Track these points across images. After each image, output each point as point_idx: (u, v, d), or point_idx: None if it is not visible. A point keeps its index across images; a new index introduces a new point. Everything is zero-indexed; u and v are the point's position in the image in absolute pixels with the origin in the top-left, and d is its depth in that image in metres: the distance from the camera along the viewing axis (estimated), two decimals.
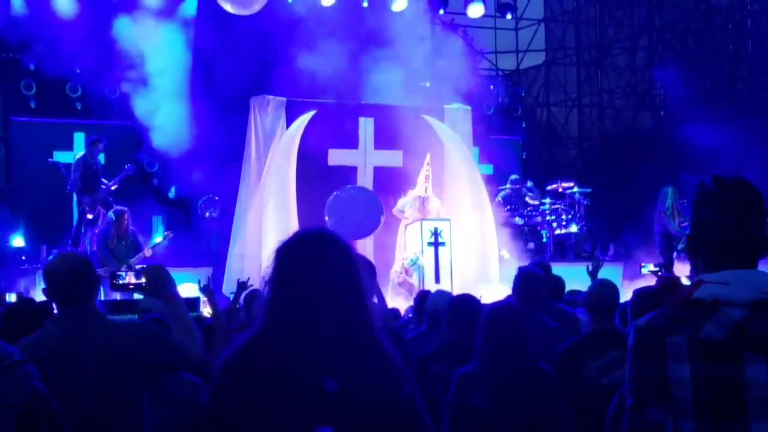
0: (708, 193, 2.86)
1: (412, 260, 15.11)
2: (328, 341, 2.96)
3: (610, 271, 14.67)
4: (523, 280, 6.74)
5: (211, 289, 6.57)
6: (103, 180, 15.78)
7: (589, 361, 5.58)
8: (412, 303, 9.86)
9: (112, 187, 15.75)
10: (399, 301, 13.56)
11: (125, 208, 14.72)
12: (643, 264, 12.78)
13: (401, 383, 3.06)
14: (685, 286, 6.71)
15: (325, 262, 3.03)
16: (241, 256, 15.62)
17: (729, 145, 17.92)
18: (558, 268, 9.43)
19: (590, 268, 8.74)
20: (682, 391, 2.70)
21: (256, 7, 15.76)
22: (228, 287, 14.22)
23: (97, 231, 15.15)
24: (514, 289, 6.80)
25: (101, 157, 16.03)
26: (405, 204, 15.90)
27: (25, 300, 7.90)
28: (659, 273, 11.79)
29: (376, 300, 6.56)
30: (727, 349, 2.67)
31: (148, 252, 14.48)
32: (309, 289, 2.99)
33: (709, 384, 2.67)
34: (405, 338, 6.85)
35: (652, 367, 2.73)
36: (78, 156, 16.06)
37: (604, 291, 5.90)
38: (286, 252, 3.09)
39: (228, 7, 15.61)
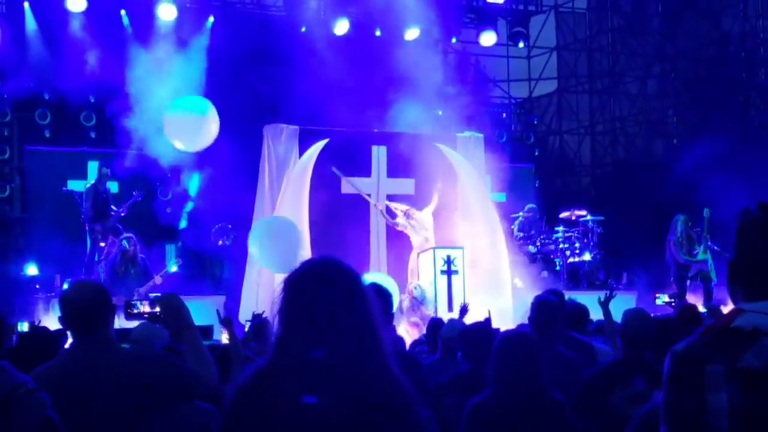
0: (752, 220, 2.81)
1: (418, 291, 15.07)
2: (338, 371, 2.95)
3: (623, 300, 14.59)
4: (539, 308, 6.70)
5: (230, 321, 6.57)
6: (113, 207, 15.86)
7: (618, 390, 5.52)
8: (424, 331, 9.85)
9: (122, 214, 15.83)
10: (413, 331, 13.51)
11: (131, 235, 14.74)
12: (657, 295, 12.73)
13: (411, 410, 3.04)
14: (703, 313, 6.68)
15: (332, 291, 3.02)
16: (256, 284, 15.62)
17: (742, 173, 17.86)
18: (571, 297, 9.36)
19: (602, 297, 8.67)
20: (718, 421, 2.65)
21: (202, 147, 15.69)
22: (244, 316, 14.21)
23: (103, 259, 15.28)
24: (530, 318, 6.75)
25: (112, 185, 16.11)
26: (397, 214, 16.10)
27: (38, 329, 7.90)
28: (673, 304, 11.75)
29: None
30: (765, 380, 2.65)
31: (158, 280, 14.50)
32: (317, 318, 2.98)
33: (746, 415, 2.62)
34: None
35: (690, 395, 2.67)
36: (88, 185, 16.15)
37: (636, 321, 5.82)
38: (293, 282, 3.08)
39: (178, 144, 15.52)
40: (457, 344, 7.08)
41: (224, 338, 10.58)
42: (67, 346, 4.62)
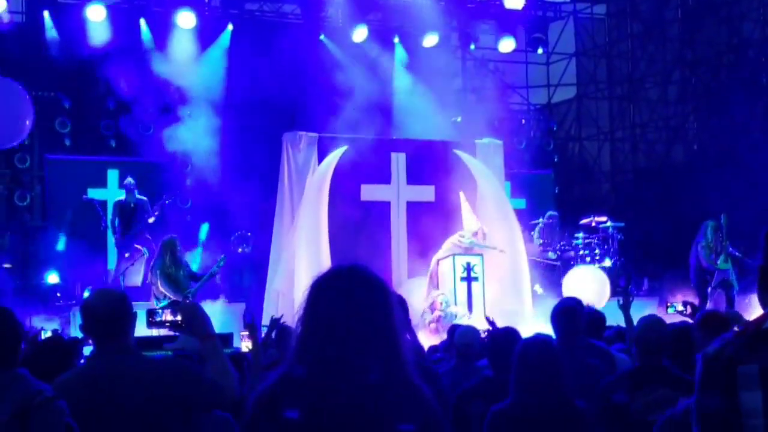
0: None
1: (443, 306, 14.96)
2: (360, 379, 2.93)
3: (643, 306, 14.57)
4: (561, 314, 6.64)
5: (255, 326, 6.58)
6: (155, 214, 15.91)
7: (639, 396, 5.48)
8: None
9: (155, 214, 15.90)
10: (433, 339, 13.48)
11: (175, 235, 14.73)
12: (669, 303, 12.54)
13: (434, 421, 3.02)
14: (725, 316, 6.61)
15: (358, 299, 3.00)
16: (277, 292, 15.61)
17: (763, 178, 17.77)
18: (589, 304, 9.30)
19: (621, 301, 8.57)
20: (753, 420, 2.65)
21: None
22: (266, 323, 14.21)
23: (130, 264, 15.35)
24: (552, 324, 6.69)
25: (135, 194, 16.15)
26: (471, 241, 15.93)
27: (54, 337, 7.91)
28: (685, 312, 11.56)
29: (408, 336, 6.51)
30: None
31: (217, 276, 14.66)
32: (341, 325, 2.96)
33: None
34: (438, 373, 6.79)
35: (722, 396, 2.68)
36: (117, 199, 16.28)
37: (651, 329, 5.78)
38: (318, 288, 3.06)
39: None
40: (473, 350, 7.05)
41: (244, 346, 10.62)
42: (87, 353, 4.62)
